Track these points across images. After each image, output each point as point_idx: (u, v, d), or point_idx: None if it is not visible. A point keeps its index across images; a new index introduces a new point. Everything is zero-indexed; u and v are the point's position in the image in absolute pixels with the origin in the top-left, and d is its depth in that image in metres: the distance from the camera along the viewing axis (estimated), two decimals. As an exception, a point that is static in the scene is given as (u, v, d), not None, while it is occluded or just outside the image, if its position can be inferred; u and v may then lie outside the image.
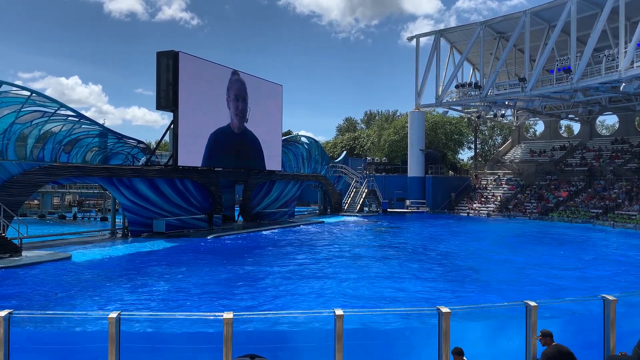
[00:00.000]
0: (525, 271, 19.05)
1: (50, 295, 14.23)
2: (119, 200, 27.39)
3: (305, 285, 16.13)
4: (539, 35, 44.34)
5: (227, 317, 6.22)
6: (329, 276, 17.66)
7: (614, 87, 37.04)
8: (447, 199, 52.33)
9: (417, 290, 15.69)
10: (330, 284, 16.32)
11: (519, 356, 7.17)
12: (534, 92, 41.04)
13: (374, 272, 18.53)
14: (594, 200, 43.34)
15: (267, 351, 5.97)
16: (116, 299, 13.94)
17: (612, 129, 71.37)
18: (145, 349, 7.25)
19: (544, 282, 16.91)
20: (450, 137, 63.40)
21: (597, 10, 37.26)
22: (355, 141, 78.21)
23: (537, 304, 6.99)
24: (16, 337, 6.33)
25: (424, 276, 18.02)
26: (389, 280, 17.13)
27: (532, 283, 16.77)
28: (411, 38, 54.48)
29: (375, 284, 16.37)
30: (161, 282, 16.51)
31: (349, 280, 16.95)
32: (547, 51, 40.07)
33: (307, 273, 18.21)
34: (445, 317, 6.53)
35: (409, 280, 17.26)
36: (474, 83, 47.63)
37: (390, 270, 18.91)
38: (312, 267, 19.35)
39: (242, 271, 18.43)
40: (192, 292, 14.98)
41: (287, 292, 15.30)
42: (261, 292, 15.16)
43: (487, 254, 23.65)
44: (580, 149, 54.68)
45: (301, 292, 15.28)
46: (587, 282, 17.29)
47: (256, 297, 14.54)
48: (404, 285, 16.41)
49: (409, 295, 15.05)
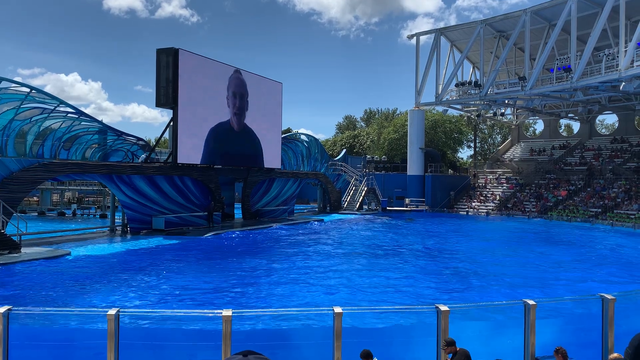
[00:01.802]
0: (530, 270, 19.08)
1: (49, 292, 14.23)
2: (118, 198, 27.38)
3: (305, 282, 16.14)
4: (539, 34, 44.33)
5: (226, 315, 6.23)
6: (329, 274, 17.67)
7: (613, 86, 37.04)
8: (446, 198, 52.34)
9: (418, 287, 15.70)
10: (331, 282, 16.34)
11: (519, 355, 7.19)
12: (533, 91, 41.03)
13: (371, 269, 18.54)
14: (593, 199, 43.36)
15: (266, 349, 5.97)
16: (115, 296, 13.94)
17: (611, 128, 71.39)
18: (144, 346, 7.26)
19: (548, 281, 16.93)
20: (450, 136, 63.40)
21: (598, 9, 37.24)
22: (355, 139, 78.19)
23: (535, 303, 7.01)
24: (15, 333, 6.33)
25: (427, 274, 18.04)
26: (387, 278, 17.14)
27: (535, 282, 16.79)
28: (411, 36, 54.46)
29: (373, 281, 16.39)
30: (160, 279, 16.51)
31: (348, 279, 16.96)
32: (547, 50, 40.04)
33: (307, 270, 18.22)
34: (444, 315, 6.54)
35: (409, 277, 17.27)
36: (474, 82, 47.59)
37: (390, 268, 18.92)
38: (313, 264, 19.36)
39: (241, 268, 18.44)
40: (191, 289, 14.98)
41: (287, 289, 15.31)
42: (260, 289, 15.17)
43: (491, 253, 23.66)
44: (580, 148, 54.70)
45: (301, 289, 15.29)
46: (591, 281, 17.32)
47: (255, 294, 14.55)
48: (403, 282, 16.42)
49: (409, 292, 15.07)
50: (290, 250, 23.56)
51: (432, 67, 50.55)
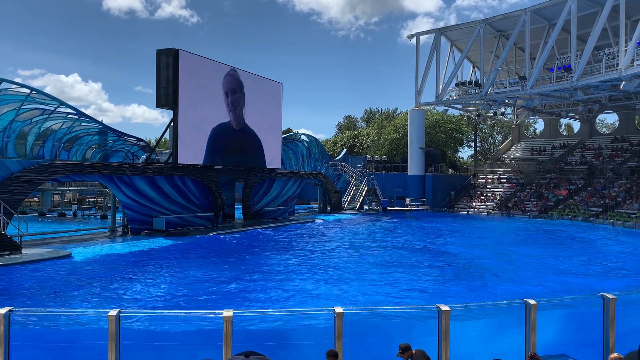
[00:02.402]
0: (532, 269, 19.08)
1: (50, 293, 14.23)
2: (119, 198, 27.40)
3: (306, 282, 16.14)
4: (539, 34, 44.32)
5: (226, 315, 6.24)
6: (330, 274, 17.67)
7: (614, 85, 37.04)
8: (447, 197, 52.34)
9: (420, 286, 15.71)
10: (333, 282, 16.33)
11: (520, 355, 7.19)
12: (534, 90, 41.02)
13: (376, 270, 18.55)
14: (594, 198, 43.35)
15: (267, 349, 5.98)
16: (116, 297, 13.95)
17: (612, 128, 71.41)
18: (145, 347, 7.26)
19: (550, 281, 16.93)
20: (450, 136, 63.40)
21: (598, 9, 37.23)
22: (355, 139, 78.18)
23: (536, 302, 7.01)
24: (16, 334, 6.34)
25: (427, 274, 18.04)
26: (388, 276, 17.15)
27: (537, 281, 16.79)
28: (411, 36, 54.47)
29: (376, 282, 16.39)
30: (161, 279, 16.53)
31: (351, 280, 16.96)
32: (548, 49, 40.04)
33: (308, 270, 18.22)
34: (445, 315, 6.54)
35: (412, 276, 17.28)
36: (474, 81, 47.59)
37: (392, 265, 18.92)
38: (315, 264, 19.35)
39: (242, 268, 18.44)
40: (192, 290, 14.99)
41: (288, 289, 15.30)
42: (260, 290, 15.17)
43: (493, 252, 23.66)
44: (580, 147, 54.68)
45: (302, 289, 15.28)
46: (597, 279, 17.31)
47: (256, 294, 14.54)
48: (405, 280, 16.43)
49: (411, 292, 15.07)
50: (291, 250, 23.54)
51: (432, 67, 50.60)
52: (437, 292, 15.24)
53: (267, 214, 38.26)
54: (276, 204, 40.10)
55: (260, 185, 37.73)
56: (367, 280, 16.80)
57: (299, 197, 48.82)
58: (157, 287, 15.28)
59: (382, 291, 15.23)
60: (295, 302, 13.82)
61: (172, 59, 28.54)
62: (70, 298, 13.68)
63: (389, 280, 16.74)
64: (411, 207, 50.50)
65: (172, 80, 28.57)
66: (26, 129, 23.43)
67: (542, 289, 15.58)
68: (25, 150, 23.29)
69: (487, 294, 15.08)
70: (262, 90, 36.82)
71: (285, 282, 16.34)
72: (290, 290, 15.14)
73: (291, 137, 46.33)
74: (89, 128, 26.57)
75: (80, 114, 25.35)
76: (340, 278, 17.02)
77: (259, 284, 15.92)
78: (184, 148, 29.32)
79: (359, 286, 15.82)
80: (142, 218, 27.99)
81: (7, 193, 21.01)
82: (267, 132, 37.22)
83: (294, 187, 42.41)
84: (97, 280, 16.02)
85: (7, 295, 13.95)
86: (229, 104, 33.48)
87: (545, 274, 18.07)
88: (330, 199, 48.66)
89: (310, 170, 46.08)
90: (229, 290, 15.09)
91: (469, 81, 48.33)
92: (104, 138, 28.06)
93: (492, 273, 18.37)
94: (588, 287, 15.93)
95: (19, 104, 21.97)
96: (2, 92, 21.09)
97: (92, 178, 27.06)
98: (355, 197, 50.22)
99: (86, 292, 14.40)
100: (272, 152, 37.76)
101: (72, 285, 15.24)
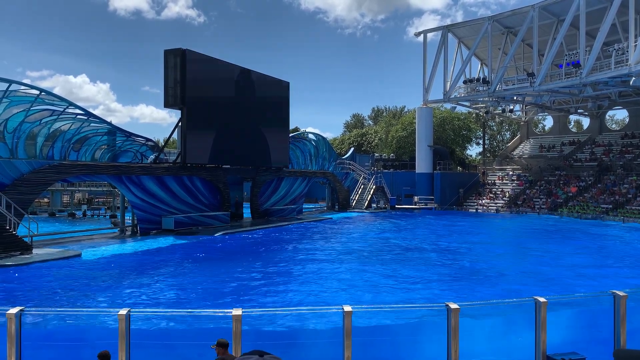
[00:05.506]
0: (542, 266, 18.97)
1: (60, 293, 14.34)
2: (128, 198, 27.53)
3: (316, 283, 16.15)
4: (547, 30, 44.00)
5: (236, 314, 6.25)
6: (339, 274, 17.67)
7: (623, 81, 36.71)
8: (455, 195, 52.14)
9: (429, 285, 15.67)
10: (340, 281, 16.33)
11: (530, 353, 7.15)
12: (542, 87, 40.75)
13: (382, 270, 18.51)
14: (604, 195, 43.02)
15: (276, 347, 5.98)
16: (125, 296, 14.02)
17: (622, 124, 70.65)
18: (155, 345, 7.29)
19: (561, 278, 16.84)
20: (459, 133, 63.12)
21: (607, 4, 36.90)
22: (363, 137, 78.09)
23: (546, 300, 6.96)
24: (27, 333, 6.38)
25: (437, 272, 17.99)
26: (393, 278, 17.11)
27: (548, 278, 16.70)
28: (418, 33, 54.25)
29: (382, 281, 16.36)
30: (171, 278, 16.59)
31: (360, 280, 16.95)
32: (556, 46, 39.74)
33: (318, 269, 18.23)
34: (454, 313, 6.52)
35: (420, 275, 17.23)
36: (482, 78, 47.38)
37: (401, 266, 18.88)
38: (324, 264, 19.35)
39: (252, 267, 18.47)
40: (202, 289, 15.04)
41: (298, 288, 15.32)
42: (271, 288, 15.18)
43: (502, 249, 23.55)
44: (590, 144, 54.27)
45: (311, 288, 15.29)
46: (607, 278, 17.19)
47: (266, 293, 14.56)
48: (414, 279, 16.39)
49: (420, 290, 15.03)
50: (301, 249, 23.56)
51: (439, 64, 50.36)
52: (448, 291, 15.16)
53: (275, 213, 38.30)
54: (284, 202, 40.13)
55: (268, 184, 37.77)
56: (379, 286, 16.77)
57: (307, 196, 48.83)
58: (167, 287, 15.34)
59: (393, 289, 15.19)
60: (310, 302, 13.83)
61: (180, 59, 28.62)
62: (80, 297, 13.77)
63: (398, 278, 16.70)
64: (419, 205, 50.34)
65: (180, 80, 28.65)
66: (36, 130, 23.59)
67: (555, 286, 15.49)
68: (35, 151, 23.46)
69: (498, 291, 15.00)
70: (270, 89, 36.85)
71: (300, 284, 16.34)
72: (302, 293, 15.14)
73: (299, 136, 46.34)
74: (98, 128, 26.70)
75: (89, 114, 25.49)
76: (355, 286, 17.00)
77: (271, 283, 15.94)
78: (192, 148, 29.40)
79: (371, 293, 15.80)
80: (151, 218, 28.11)
81: (18, 194, 21.18)
82: (275, 131, 37.23)
83: (302, 186, 42.42)
84: (107, 279, 16.11)
85: (18, 295, 14.06)
86: (244, 106, 33.56)
87: (558, 271, 17.96)
88: (338, 197, 48.64)
89: (318, 169, 46.07)
90: (238, 289, 15.11)
91: (477, 78, 48.13)
92: (113, 138, 28.19)
93: (502, 271, 18.28)
94: (601, 284, 15.81)
95: (28, 105, 22.14)
96: (11, 93, 21.24)
97: (101, 178, 27.19)
98: (363, 195, 50.16)
99: (96, 291, 14.49)
100: (279, 151, 37.78)
101: (82, 285, 15.33)
